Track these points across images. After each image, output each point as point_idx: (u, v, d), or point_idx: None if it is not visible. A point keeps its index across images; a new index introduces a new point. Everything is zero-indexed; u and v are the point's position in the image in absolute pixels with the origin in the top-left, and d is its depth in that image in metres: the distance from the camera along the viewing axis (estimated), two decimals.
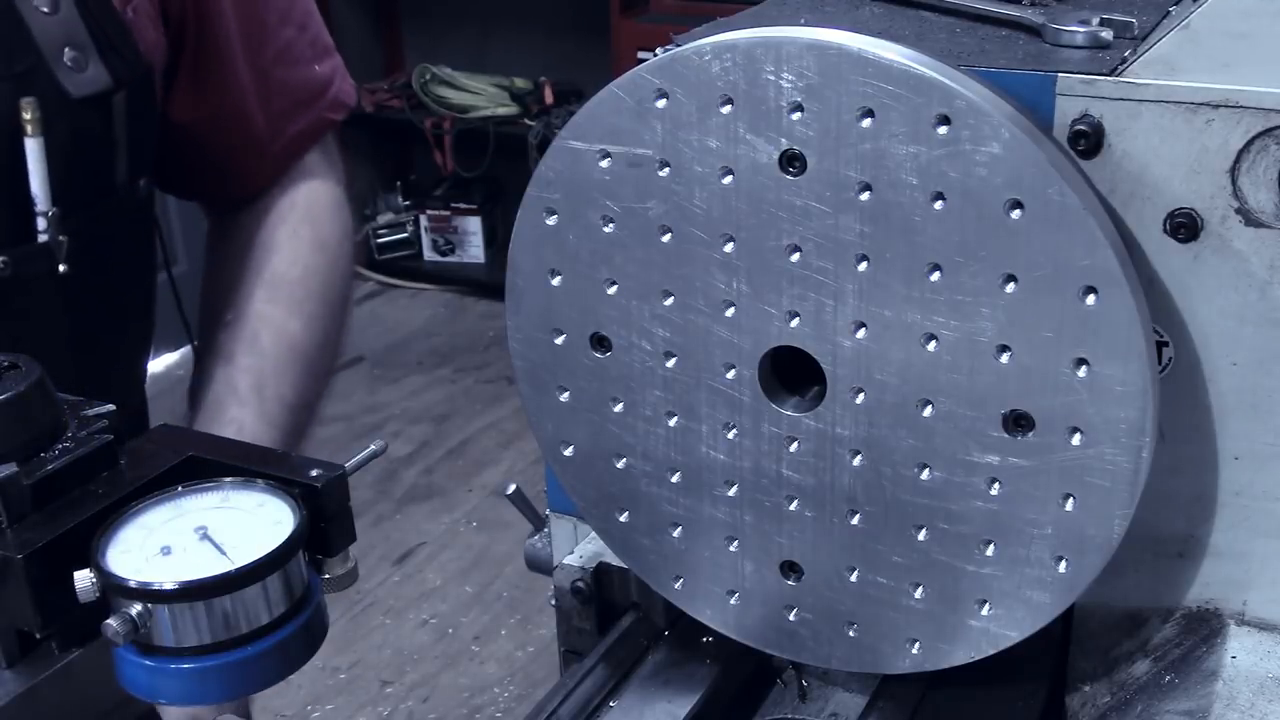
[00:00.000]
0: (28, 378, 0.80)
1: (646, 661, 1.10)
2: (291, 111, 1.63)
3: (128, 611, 0.73)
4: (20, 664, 0.78)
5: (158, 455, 0.83)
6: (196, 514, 0.78)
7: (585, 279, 0.98)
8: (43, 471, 0.78)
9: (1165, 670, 0.97)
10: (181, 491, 0.80)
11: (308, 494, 0.79)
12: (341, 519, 0.81)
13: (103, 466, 0.81)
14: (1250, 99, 0.85)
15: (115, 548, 0.76)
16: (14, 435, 0.78)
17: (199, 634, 0.74)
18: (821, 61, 0.85)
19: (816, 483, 0.96)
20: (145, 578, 0.73)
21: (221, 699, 0.76)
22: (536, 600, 3.68)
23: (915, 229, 0.86)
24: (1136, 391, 0.84)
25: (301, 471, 0.81)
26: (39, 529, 0.76)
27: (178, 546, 0.76)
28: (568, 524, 1.19)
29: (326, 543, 0.81)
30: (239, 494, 0.80)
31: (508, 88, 5.61)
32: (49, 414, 0.81)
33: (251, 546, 0.75)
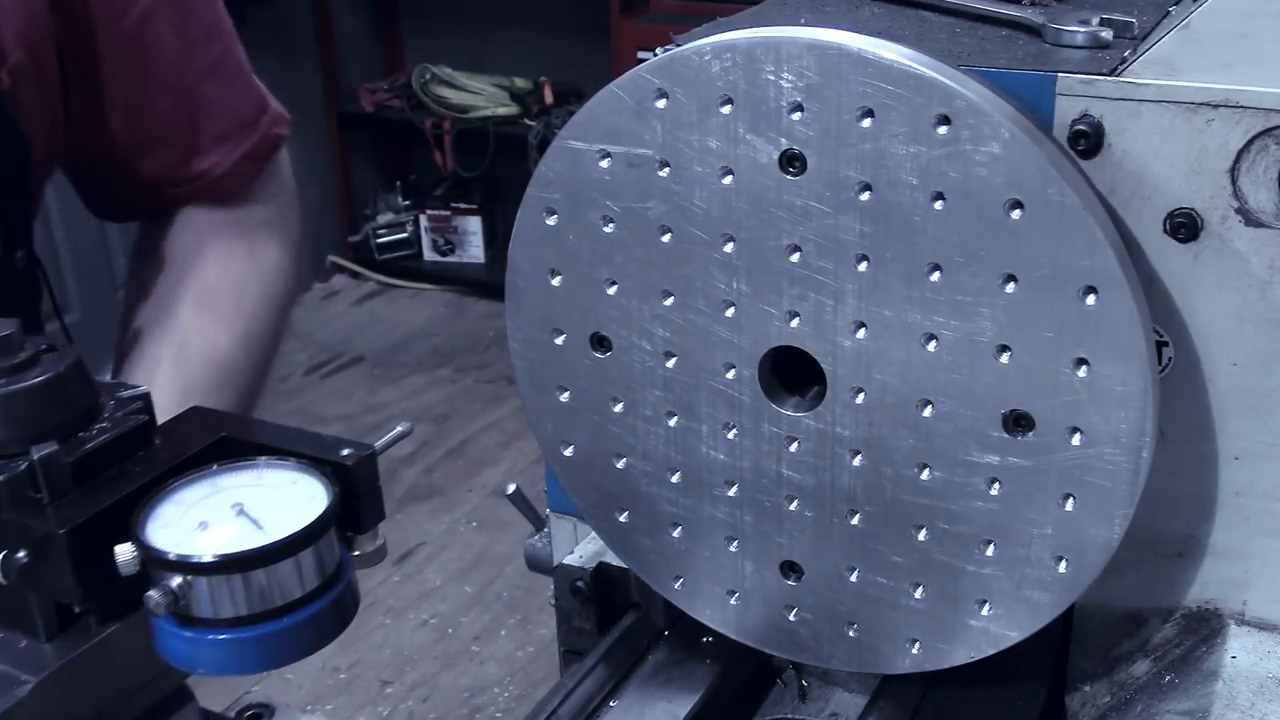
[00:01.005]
0: (65, 359, 0.82)
1: (646, 661, 1.10)
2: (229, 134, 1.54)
3: (168, 584, 0.75)
4: (59, 638, 0.80)
5: (191, 435, 0.85)
6: (232, 491, 0.80)
7: (585, 279, 0.98)
8: (82, 450, 0.80)
9: (1165, 670, 0.97)
10: (217, 470, 0.82)
11: (339, 472, 0.81)
12: (371, 497, 0.83)
13: (139, 446, 0.83)
14: (1250, 99, 0.85)
15: (154, 523, 0.78)
16: (53, 415, 0.80)
17: (235, 606, 0.76)
18: (821, 61, 0.85)
19: (816, 483, 0.96)
20: (185, 551, 0.75)
21: (256, 669, 0.77)
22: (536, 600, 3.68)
23: (915, 229, 0.86)
24: (1136, 391, 0.84)
25: (332, 451, 0.82)
26: (79, 505, 0.78)
27: (215, 522, 0.78)
28: (568, 524, 1.19)
29: (357, 520, 0.83)
30: (273, 472, 0.82)
31: (508, 88, 5.61)
32: (86, 395, 0.83)
33: (287, 522, 0.77)
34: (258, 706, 0.93)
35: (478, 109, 5.61)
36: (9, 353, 0.81)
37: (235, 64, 1.54)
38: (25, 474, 0.78)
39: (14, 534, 0.77)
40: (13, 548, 0.77)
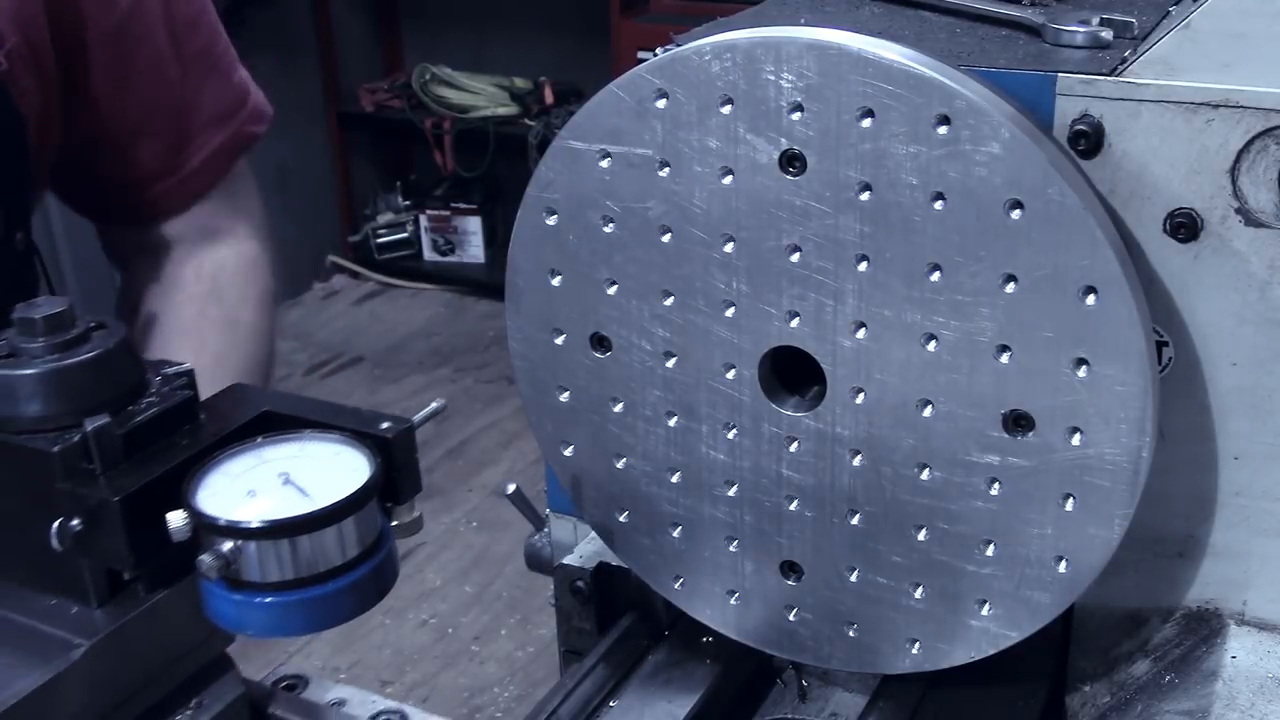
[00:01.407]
0: (115, 336, 0.85)
1: (646, 661, 1.10)
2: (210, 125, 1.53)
3: (219, 548, 0.78)
4: (109, 604, 0.83)
5: (234, 410, 0.88)
6: (278, 462, 0.83)
7: (585, 279, 0.98)
8: (132, 423, 0.83)
9: (1165, 670, 0.97)
10: (262, 442, 0.85)
11: (379, 445, 0.84)
12: (409, 469, 0.86)
13: (184, 420, 0.86)
14: (1250, 99, 0.85)
15: (204, 491, 0.81)
16: (104, 389, 0.83)
17: (282, 570, 0.79)
18: (821, 61, 0.85)
19: (816, 483, 0.96)
20: (235, 517, 0.78)
21: (301, 632, 0.81)
22: (536, 600, 3.68)
23: (915, 229, 0.86)
24: (1136, 391, 0.84)
25: (372, 424, 0.85)
26: (131, 475, 0.81)
27: (262, 490, 0.81)
28: (568, 524, 1.19)
29: (395, 491, 0.85)
30: (316, 444, 0.85)
31: (508, 88, 5.61)
32: (134, 370, 0.86)
33: (331, 490, 0.80)
34: (292, 677, 0.96)
35: (478, 109, 5.60)
36: (62, 329, 0.83)
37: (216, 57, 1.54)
38: (79, 445, 0.81)
39: (68, 503, 0.80)
40: (67, 516, 0.80)
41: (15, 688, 0.77)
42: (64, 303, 0.85)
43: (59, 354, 0.83)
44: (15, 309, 0.85)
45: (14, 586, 0.85)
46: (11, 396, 0.82)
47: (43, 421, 0.82)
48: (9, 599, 0.84)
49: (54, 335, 0.83)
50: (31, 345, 0.83)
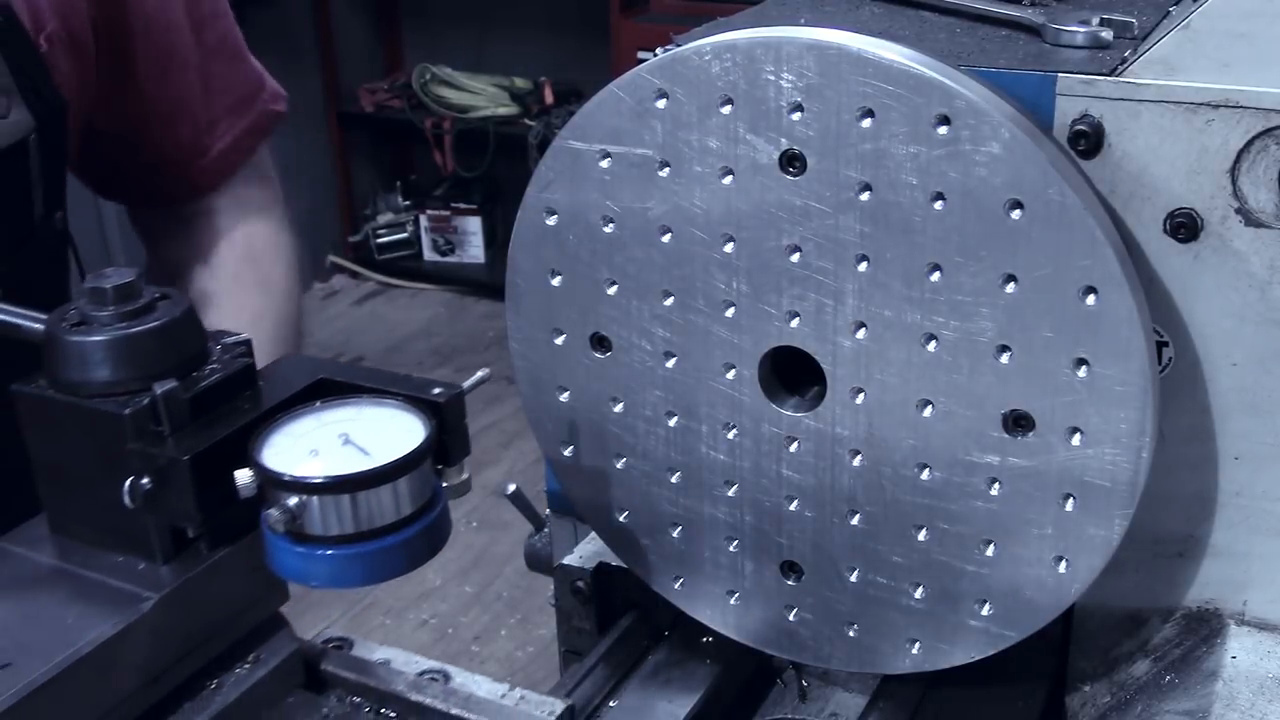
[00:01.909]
0: (179, 305, 0.89)
1: (646, 661, 1.10)
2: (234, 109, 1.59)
3: (285, 503, 0.81)
4: (174, 561, 0.87)
5: (292, 377, 0.92)
6: (337, 424, 0.87)
7: (585, 279, 0.98)
8: (197, 387, 0.87)
9: (1165, 670, 0.97)
10: (320, 406, 0.89)
11: (430, 409, 0.87)
12: (459, 433, 0.90)
13: (245, 386, 0.90)
14: (1250, 99, 0.85)
15: (269, 450, 0.84)
16: (171, 356, 0.87)
17: (343, 524, 0.83)
18: (821, 61, 0.85)
19: (816, 483, 0.96)
20: (300, 473, 0.82)
21: (360, 583, 0.85)
22: (536, 600, 3.68)
23: (915, 229, 0.86)
24: (1136, 391, 0.84)
25: (424, 389, 0.89)
26: (198, 436, 0.85)
27: (324, 449, 0.85)
28: (568, 524, 1.19)
29: (446, 454, 0.89)
30: (372, 408, 0.88)
31: (508, 88, 5.61)
32: (198, 339, 0.90)
33: (389, 450, 0.83)
34: (338, 639, 1.00)
35: (478, 109, 5.60)
36: (131, 298, 0.87)
37: (236, 44, 1.60)
38: (148, 408, 0.85)
39: (139, 463, 0.84)
40: (138, 475, 0.84)
41: (89, 637, 0.81)
42: (132, 273, 0.88)
43: (128, 322, 0.87)
44: (86, 279, 0.89)
45: (81, 546, 0.89)
46: (84, 362, 0.86)
47: (112, 386, 0.86)
48: (78, 557, 0.88)
49: (123, 304, 0.87)
50: (102, 313, 0.87)
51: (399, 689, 0.91)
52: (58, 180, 1.41)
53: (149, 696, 0.85)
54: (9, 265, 1.27)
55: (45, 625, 0.82)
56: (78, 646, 0.80)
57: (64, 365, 0.86)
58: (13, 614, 0.83)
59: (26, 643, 0.80)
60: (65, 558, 0.88)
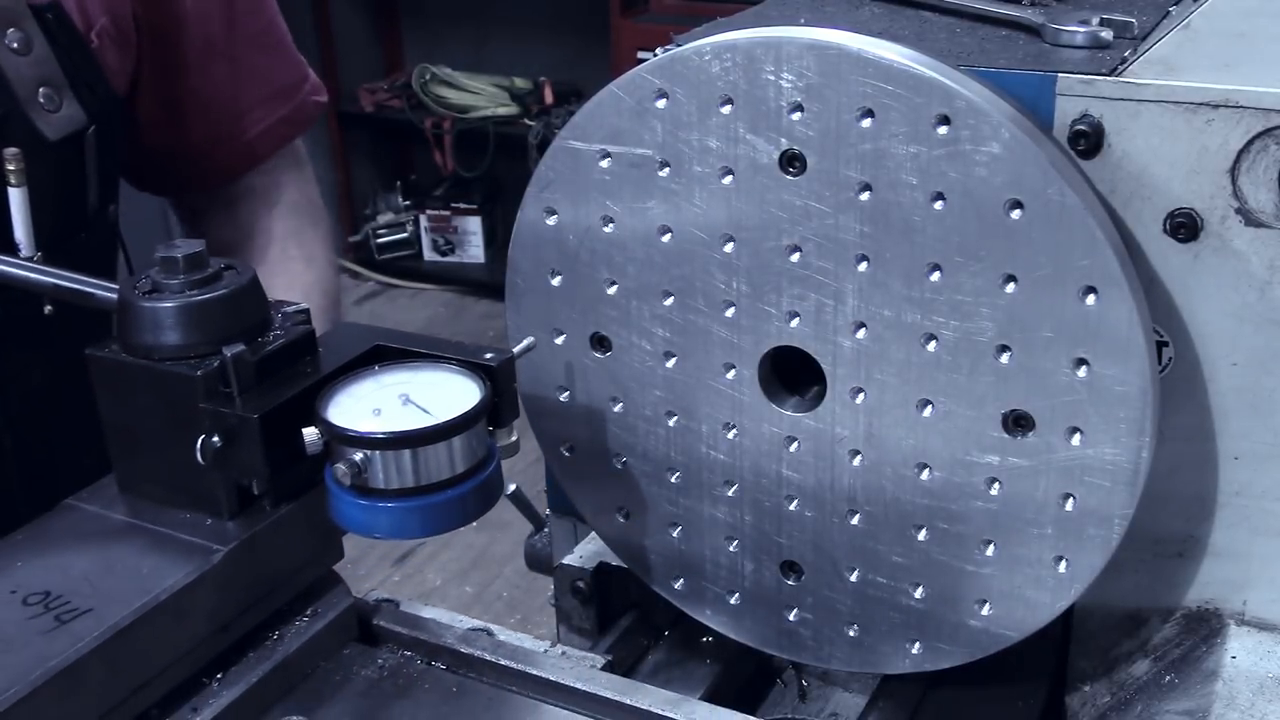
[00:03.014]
0: (245, 275, 0.94)
1: (646, 661, 1.10)
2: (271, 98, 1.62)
3: (351, 457, 0.86)
4: (240, 517, 0.92)
5: (348, 344, 0.97)
6: (396, 386, 0.91)
7: (585, 279, 0.98)
8: (264, 351, 0.92)
9: (1165, 670, 0.97)
10: (379, 370, 0.93)
11: (485, 372, 0.91)
12: (509, 396, 0.93)
13: (306, 352, 0.95)
14: (1250, 99, 0.85)
15: (334, 409, 0.89)
16: (238, 322, 0.92)
17: (403, 478, 0.87)
18: (821, 61, 0.85)
19: (816, 483, 0.96)
20: (365, 429, 0.87)
21: (419, 535, 0.89)
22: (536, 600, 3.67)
23: (915, 229, 0.86)
24: (1136, 391, 0.84)
25: (477, 354, 0.93)
26: (265, 396, 0.90)
27: (386, 409, 0.89)
28: (568, 524, 1.19)
29: (498, 415, 0.92)
30: (428, 371, 0.93)
31: (508, 88, 5.61)
32: (262, 307, 0.95)
33: (447, 409, 0.88)
34: (385, 600, 1.04)
35: (478, 109, 5.60)
36: (200, 267, 0.92)
37: (278, 36, 1.64)
38: (218, 370, 0.89)
39: (210, 422, 0.89)
40: (209, 434, 0.88)
41: (165, 584, 0.85)
42: (200, 244, 0.93)
43: (197, 289, 0.91)
44: (156, 249, 0.93)
45: (150, 504, 0.93)
46: (157, 327, 0.90)
47: (184, 350, 0.90)
48: (148, 514, 0.93)
49: (193, 273, 0.91)
50: (173, 282, 0.91)
51: (448, 642, 0.96)
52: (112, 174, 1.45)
53: (218, 644, 0.90)
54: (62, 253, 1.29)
55: (122, 575, 0.87)
56: (155, 593, 0.84)
57: (137, 330, 0.91)
58: (91, 565, 0.88)
59: (106, 591, 0.85)
60: (136, 514, 0.93)
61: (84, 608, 0.83)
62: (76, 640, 0.80)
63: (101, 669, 0.81)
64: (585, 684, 0.92)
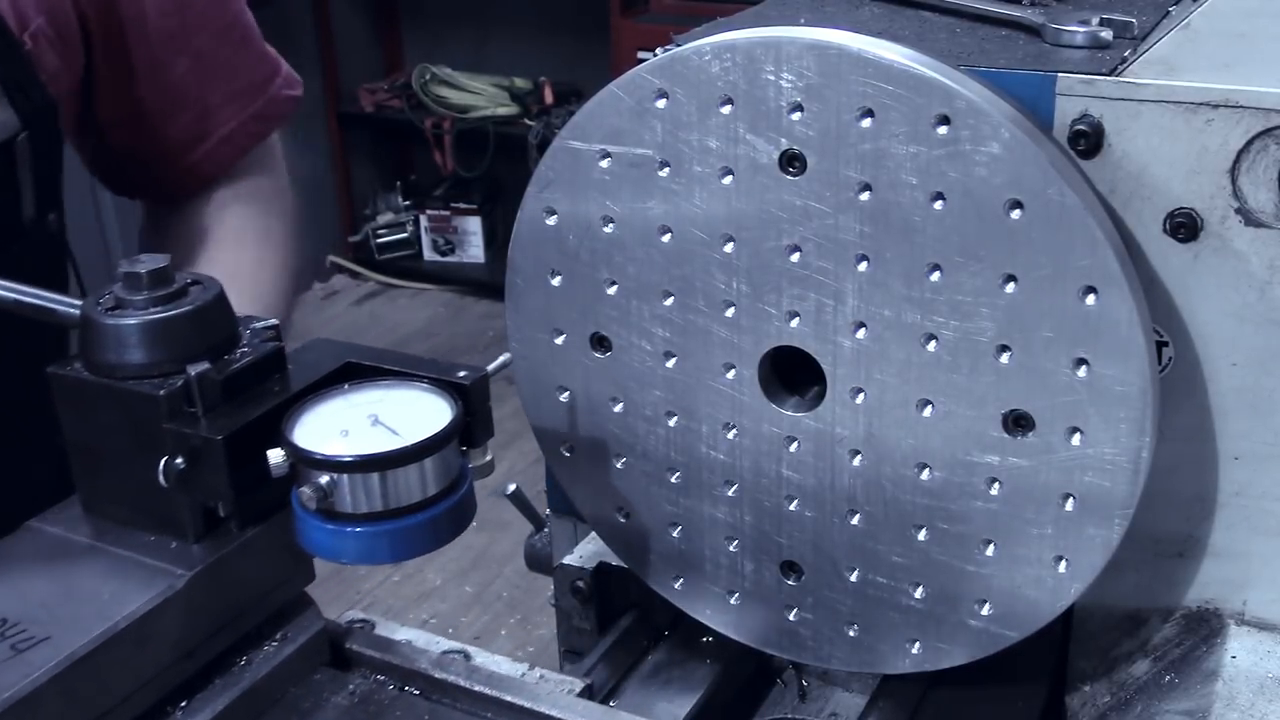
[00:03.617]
0: (210, 291, 0.91)
1: (646, 661, 1.10)
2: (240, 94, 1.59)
3: (317, 481, 0.84)
4: (206, 540, 0.89)
5: (319, 361, 0.94)
6: (366, 405, 0.89)
7: (585, 279, 0.98)
8: (230, 370, 0.89)
9: (1165, 670, 0.97)
10: (349, 388, 0.91)
11: (457, 391, 0.89)
12: (484, 415, 0.91)
13: (274, 369, 0.92)
14: (1250, 99, 0.85)
15: (300, 430, 0.87)
16: (203, 339, 0.89)
17: (372, 502, 0.85)
18: (821, 61, 0.85)
19: (816, 483, 0.96)
20: (331, 452, 0.84)
21: (388, 560, 0.87)
22: (536, 600, 3.67)
23: (915, 229, 0.86)
24: (1136, 391, 0.84)
25: (450, 372, 0.91)
26: (230, 416, 0.87)
27: (354, 430, 0.87)
28: (568, 524, 1.19)
29: (471, 435, 0.91)
30: (399, 390, 0.90)
31: (508, 88, 5.61)
32: (229, 323, 0.92)
33: (417, 430, 0.86)
34: (361, 620, 1.02)
35: (478, 109, 5.60)
36: (164, 283, 0.89)
37: (244, 29, 1.61)
38: (182, 389, 0.87)
39: (173, 442, 0.86)
40: (172, 455, 0.86)
41: (126, 611, 0.83)
42: (164, 259, 0.90)
43: (162, 306, 0.89)
44: (120, 264, 0.90)
45: (115, 526, 0.91)
46: (119, 345, 0.88)
47: (147, 368, 0.87)
48: (111, 536, 0.90)
49: (157, 288, 0.89)
50: (136, 298, 0.89)
51: (422, 667, 0.93)
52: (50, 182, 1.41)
53: (182, 670, 0.87)
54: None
55: (82, 601, 0.84)
56: (115, 620, 0.82)
57: (100, 348, 0.88)
58: (51, 590, 0.86)
59: (65, 617, 0.83)
60: (99, 537, 0.91)
61: (41, 636, 0.80)
62: (32, 670, 0.77)
63: (58, 700, 0.78)
64: (561, 711, 0.90)
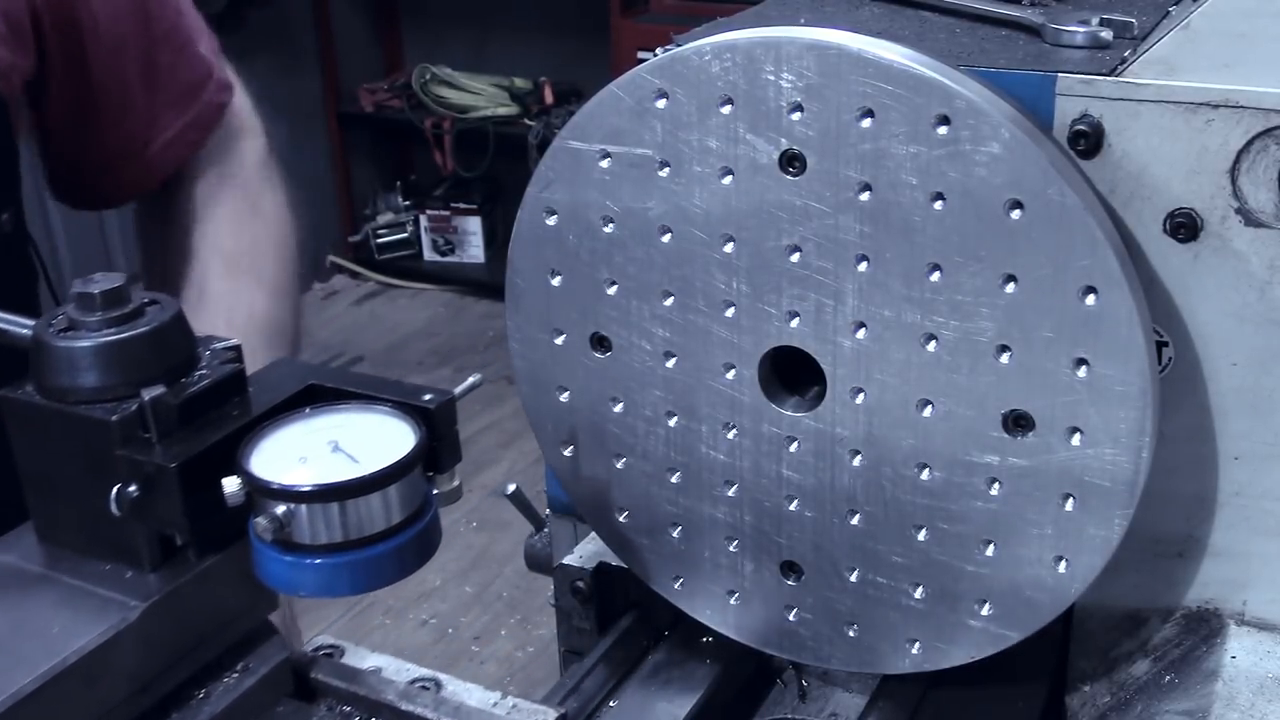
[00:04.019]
0: (168, 311, 0.88)
1: (646, 661, 1.10)
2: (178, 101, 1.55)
3: (273, 511, 0.81)
4: (163, 569, 0.86)
5: (281, 383, 0.91)
6: (326, 430, 0.86)
7: (585, 279, 0.98)
8: (186, 393, 0.86)
9: (1165, 670, 0.97)
10: (310, 412, 0.88)
11: (421, 415, 0.87)
12: (450, 440, 0.89)
13: (234, 392, 0.89)
14: (1250, 99, 0.85)
15: (257, 457, 0.83)
16: (159, 361, 0.86)
17: (331, 533, 0.82)
18: (821, 61, 0.85)
19: (816, 483, 0.96)
20: (288, 481, 0.81)
21: (350, 593, 0.84)
22: (536, 600, 3.68)
23: (915, 229, 0.86)
24: (1136, 391, 0.84)
25: (415, 395, 0.88)
26: (186, 443, 0.84)
27: (313, 457, 0.83)
28: (568, 524, 1.19)
29: (437, 461, 0.88)
30: (361, 414, 0.87)
31: (508, 88, 5.61)
32: (187, 344, 0.89)
33: (378, 457, 0.82)
34: (329, 646, 0.99)
35: (478, 109, 5.60)
36: (119, 304, 0.86)
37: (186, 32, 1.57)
38: (136, 415, 0.84)
39: (126, 470, 0.83)
40: (125, 483, 0.83)
41: (76, 645, 0.80)
42: (120, 278, 0.88)
43: (116, 327, 0.86)
44: (74, 284, 0.87)
45: (69, 554, 0.88)
46: (71, 368, 0.85)
47: (100, 392, 0.85)
48: (65, 564, 0.87)
49: (111, 309, 0.86)
50: (90, 319, 0.86)
51: (389, 698, 0.90)
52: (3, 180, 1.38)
53: (137, 705, 0.84)
54: None
55: (31, 635, 0.81)
56: (64, 655, 0.79)
57: (51, 371, 0.85)
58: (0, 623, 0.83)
59: (12, 652, 0.79)
60: (52, 565, 0.87)
61: None
62: None
63: None
64: None
